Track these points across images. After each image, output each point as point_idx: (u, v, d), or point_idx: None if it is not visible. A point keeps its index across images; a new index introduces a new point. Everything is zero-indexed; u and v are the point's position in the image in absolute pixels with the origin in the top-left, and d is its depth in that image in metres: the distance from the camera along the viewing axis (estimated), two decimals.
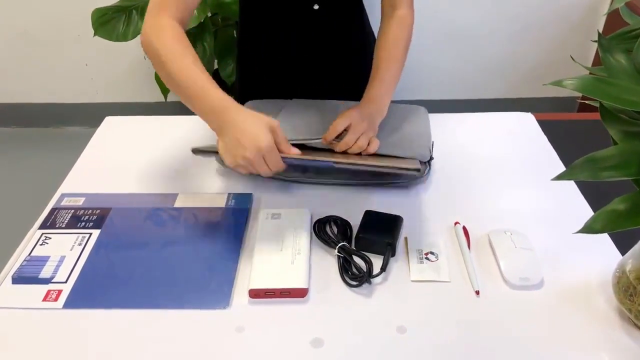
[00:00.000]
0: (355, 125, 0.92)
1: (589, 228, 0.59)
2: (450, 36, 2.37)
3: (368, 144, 0.92)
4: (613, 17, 2.21)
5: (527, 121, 1.14)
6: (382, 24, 1.06)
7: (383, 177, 0.94)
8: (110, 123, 1.15)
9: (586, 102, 0.60)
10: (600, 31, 2.33)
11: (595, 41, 0.62)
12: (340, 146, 0.91)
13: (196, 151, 0.96)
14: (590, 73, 0.66)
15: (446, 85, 2.51)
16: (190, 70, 0.81)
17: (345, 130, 0.92)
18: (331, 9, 1.08)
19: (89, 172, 1.00)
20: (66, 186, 0.97)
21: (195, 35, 1.88)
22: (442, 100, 2.53)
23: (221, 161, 0.92)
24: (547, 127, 1.12)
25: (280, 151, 0.79)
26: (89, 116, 2.50)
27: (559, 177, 0.60)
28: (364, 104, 0.98)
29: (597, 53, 2.30)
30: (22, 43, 2.37)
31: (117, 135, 1.11)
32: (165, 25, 0.86)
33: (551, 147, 1.05)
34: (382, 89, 0.99)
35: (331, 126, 0.92)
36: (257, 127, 0.77)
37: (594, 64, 2.31)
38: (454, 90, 2.52)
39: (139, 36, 1.85)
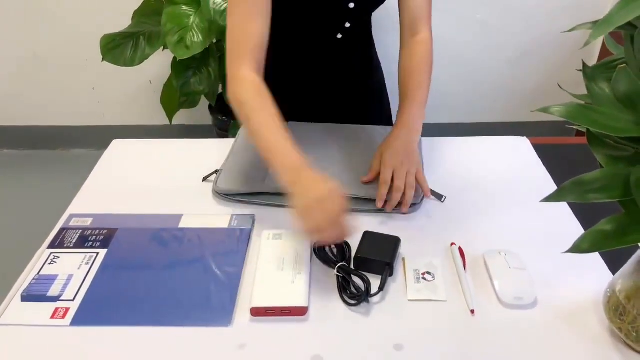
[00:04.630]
0: (397, 172, 0.93)
1: (577, 248, 0.61)
2: (447, 60, 2.42)
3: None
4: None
5: (522, 145, 1.16)
6: (404, 48, 1.08)
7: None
8: (117, 146, 1.19)
9: (573, 127, 0.63)
10: (596, 58, 2.38)
11: (580, 70, 0.65)
12: (390, 206, 0.93)
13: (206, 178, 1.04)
14: (586, 102, 0.68)
15: (444, 109, 2.55)
16: (266, 127, 0.86)
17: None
18: (348, 39, 1.10)
19: (97, 194, 1.03)
20: (74, 207, 1.00)
21: (200, 60, 1.93)
22: (440, 124, 2.57)
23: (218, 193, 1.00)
24: (544, 151, 1.15)
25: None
26: (96, 139, 2.54)
27: (548, 199, 0.62)
28: (398, 130, 0.98)
29: None
30: (31, 67, 2.43)
31: (123, 158, 1.14)
32: (245, 79, 0.90)
33: (545, 170, 1.08)
34: (414, 110, 1.00)
35: (379, 188, 0.93)
36: (330, 192, 0.77)
37: None
38: (451, 113, 2.56)
39: (145, 61, 1.91)
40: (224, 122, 2.20)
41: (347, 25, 1.06)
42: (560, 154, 1.21)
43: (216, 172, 1.05)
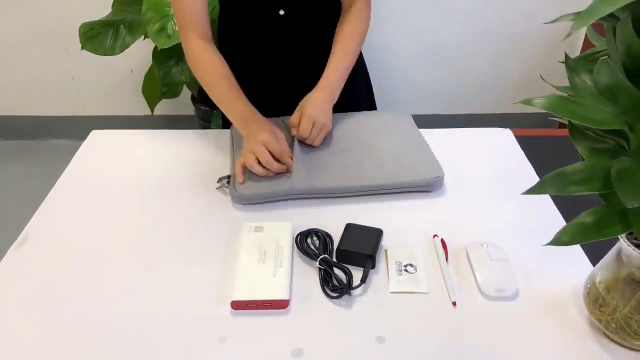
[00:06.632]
0: (315, 126, 1.04)
1: (558, 240, 0.61)
2: (429, 51, 2.42)
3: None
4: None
5: (504, 137, 1.17)
6: (342, 15, 1.16)
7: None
8: (96, 136, 1.17)
9: (555, 119, 0.63)
10: (579, 50, 2.39)
11: (563, 62, 0.65)
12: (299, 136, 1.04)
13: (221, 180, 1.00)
14: (568, 95, 0.68)
15: (426, 100, 2.55)
16: (219, 86, 1.06)
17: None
18: (297, 12, 1.12)
19: (75, 185, 1.01)
20: (51, 198, 0.98)
21: (182, 50, 1.88)
22: (422, 114, 2.57)
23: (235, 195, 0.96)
24: (527, 143, 1.15)
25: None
26: (75, 129, 2.50)
27: (529, 192, 0.62)
28: (321, 90, 1.08)
29: None
30: (9, 56, 2.38)
31: (102, 149, 1.12)
32: (195, 47, 1.07)
33: (527, 161, 1.08)
34: (336, 76, 1.10)
35: (300, 129, 1.03)
36: (262, 128, 0.99)
37: None
38: (434, 105, 2.56)
39: (126, 50, 1.88)
40: (207, 112, 2.18)
41: (282, 12, 1.12)
42: (543, 145, 1.22)
43: (228, 177, 0.99)
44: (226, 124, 1.27)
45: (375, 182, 0.98)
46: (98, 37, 1.86)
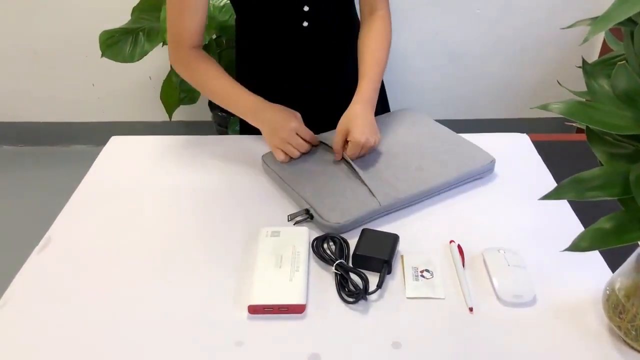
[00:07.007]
0: (364, 148, 1.01)
1: (576, 246, 0.61)
2: (446, 55, 2.41)
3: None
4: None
5: (522, 142, 1.16)
6: (364, 25, 1.14)
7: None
8: (116, 142, 1.19)
9: (573, 124, 0.63)
10: (598, 55, 2.37)
11: (580, 67, 0.64)
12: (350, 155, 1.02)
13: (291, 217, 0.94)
14: (586, 100, 0.68)
15: (443, 105, 2.54)
16: (222, 84, 1.08)
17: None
18: (320, 24, 1.12)
19: (95, 190, 1.03)
20: (72, 203, 1.00)
21: None
22: (439, 120, 2.55)
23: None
24: (544, 148, 1.14)
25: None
26: (95, 135, 2.55)
27: (546, 197, 0.62)
28: (359, 106, 1.04)
29: None
30: (31, 63, 2.43)
31: (122, 155, 1.14)
32: (187, 56, 1.08)
33: (545, 167, 1.08)
34: (372, 87, 1.07)
35: (350, 154, 1.01)
36: (286, 117, 1.03)
37: None
38: (451, 109, 2.55)
39: (144, 57, 1.90)
40: (224, 118, 2.20)
41: (305, 24, 1.10)
42: (560, 150, 1.20)
43: (306, 211, 0.93)
44: (243, 130, 1.28)
45: (444, 178, 0.99)
46: (118, 44, 1.89)
